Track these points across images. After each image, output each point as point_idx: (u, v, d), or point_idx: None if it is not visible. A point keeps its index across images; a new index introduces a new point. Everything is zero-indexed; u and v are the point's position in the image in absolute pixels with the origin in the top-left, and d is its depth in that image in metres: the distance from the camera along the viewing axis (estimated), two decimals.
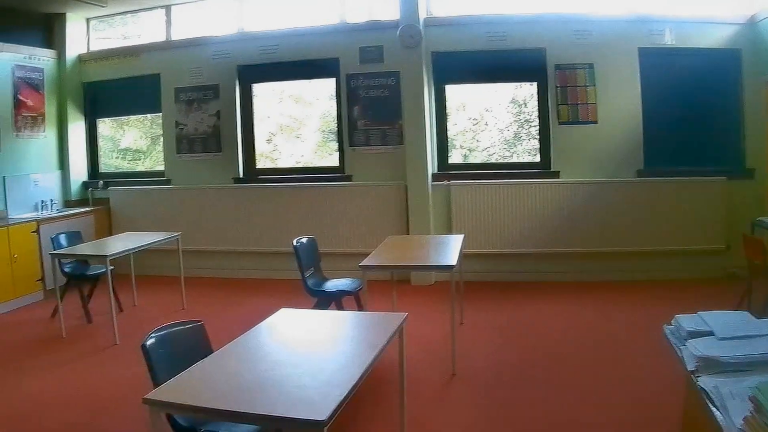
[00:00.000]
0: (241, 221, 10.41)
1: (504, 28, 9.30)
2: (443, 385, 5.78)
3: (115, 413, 5.49)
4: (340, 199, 9.89)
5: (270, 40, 10.24)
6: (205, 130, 10.61)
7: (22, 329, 8.17)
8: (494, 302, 8.42)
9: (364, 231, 9.73)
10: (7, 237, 9.06)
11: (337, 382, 3.18)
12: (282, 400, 3.03)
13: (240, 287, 9.91)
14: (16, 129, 10.20)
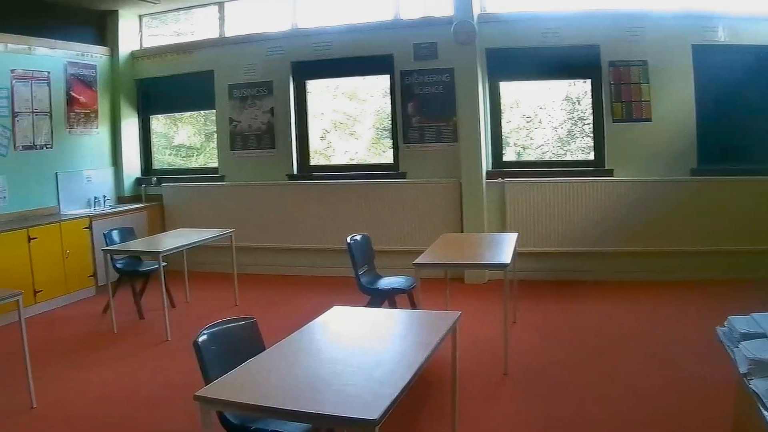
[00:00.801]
0: (294, 218, 10.25)
1: (557, 25, 9.05)
2: (495, 385, 5.68)
3: (164, 409, 5.47)
4: (394, 196, 9.72)
5: (324, 37, 10.08)
6: (259, 126, 10.50)
7: (73, 324, 8.15)
8: (547, 301, 8.28)
9: (417, 228, 9.56)
10: (60, 233, 9.00)
11: (389, 381, 3.13)
12: (334, 399, 2.99)
13: (293, 284, 9.78)
14: (68, 125, 10.14)
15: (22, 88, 9.33)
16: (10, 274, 8.09)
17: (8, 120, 9.12)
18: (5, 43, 9.06)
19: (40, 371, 6.05)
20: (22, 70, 9.32)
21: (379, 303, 6.57)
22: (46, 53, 9.72)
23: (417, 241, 9.02)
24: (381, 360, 3.54)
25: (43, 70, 9.69)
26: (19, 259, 8.37)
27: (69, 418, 5.36)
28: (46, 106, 9.74)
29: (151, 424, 5.22)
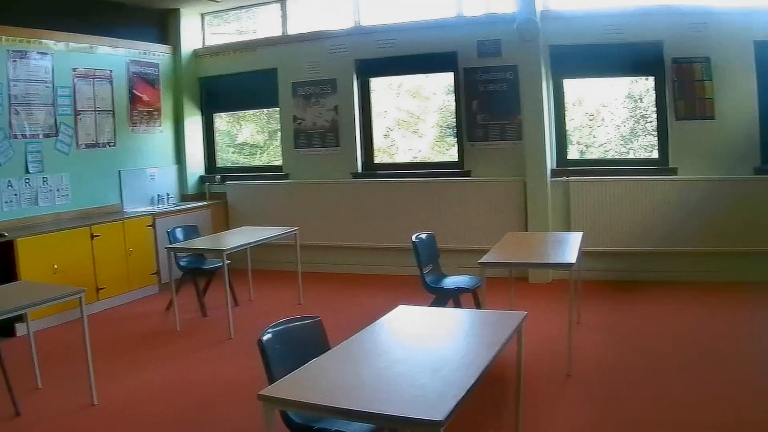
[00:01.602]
0: (358, 216, 10.08)
1: (620, 21, 8.72)
2: (558, 385, 5.52)
3: (227, 408, 5.40)
4: (459, 194, 9.51)
5: (387, 34, 9.88)
6: (323, 124, 10.35)
7: (136, 322, 8.12)
8: (611, 301, 8.02)
9: (481, 227, 9.32)
10: (123, 231, 8.95)
11: (455, 382, 3.05)
12: (398, 399, 2.92)
13: (357, 283, 9.63)
14: (131, 124, 10.11)
15: (84, 86, 9.29)
16: (73, 271, 8.11)
17: (71, 118, 9.09)
18: (67, 42, 9.03)
19: (102, 368, 6.00)
20: (83, 68, 9.28)
21: (444, 302, 6.46)
22: (108, 52, 9.68)
23: (481, 240, 8.80)
24: (446, 360, 3.45)
25: (105, 68, 9.66)
26: (82, 257, 8.34)
27: (130, 416, 5.31)
28: (108, 104, 9.71)
29: (213, 422, 5.17)
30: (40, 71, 8.71)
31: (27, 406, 5.42)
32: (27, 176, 8.51)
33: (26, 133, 8.49)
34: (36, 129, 8.64)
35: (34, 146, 8.60)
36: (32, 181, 8.57)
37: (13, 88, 8.35)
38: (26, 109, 8.50)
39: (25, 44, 8.49)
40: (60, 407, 5.49)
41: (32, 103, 8.59)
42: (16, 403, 5.35)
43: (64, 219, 8.88)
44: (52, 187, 8.82)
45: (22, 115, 8.46)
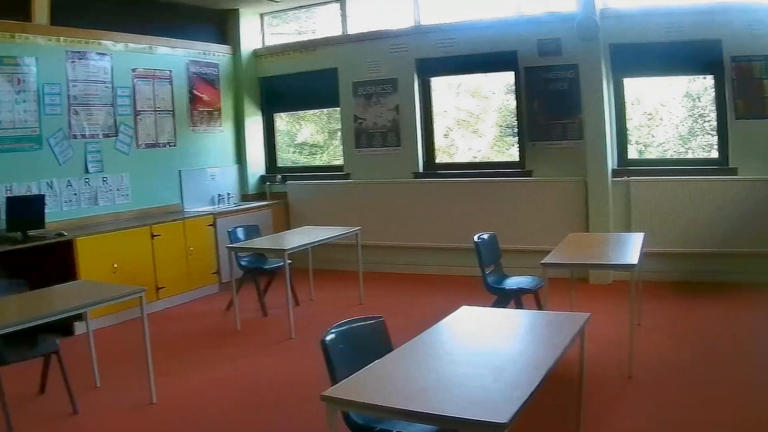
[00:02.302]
0: (419, 216, 9.89)
1: (679, 19, 8.41)
2: (619, 388, 5.39)
3: (287, 408, 5.35)
4: (520, 194, 9.33)
5: (447, 33, 9.69)
6: (384, 124, 10.19)
7: (196, 321, 8.09)
8: (672, 303, 7.78)
9: (542, 227, 9.11)
10: (183, 230, 8.90)
11: (519, 383, 3.02)
12: (462, 401, 2.89)
13: (417, 283, 9.46)
14: (192, 123, 10.04)
15: (143, 86, 9.26)
16: (132, 270, 8.09)
17: (130, 118, 9.06)
18: (125, 43, 8.99)
19: (162, 367, 5.96)
20: (143, 69, 9.25)
21: (505, 303, 6.36)
22: (167, 52, 9.63)
23: (541, 241, 8.58)
24: (510, 361, 3.42)
25: (165, 68, 9.61)
26: (142, 256, 8.32)
27: (189, 415, 5.28)
28: (168, 104, 9.67)
29: (274, 422, 5.11)
30: (100, 72, 8.68)
31: (85, 405, 5.39)
32: (86, 176, 8.48)
33: (85, 133, 8.46)
34: (95, 129, 8.60)
35: (94, 146, 8.57)
36: (92, 180, 8.54)
37: (72, 88, 8.32)
38: (85, 109, 8.47)
39: (83, 45, 8.46)
40: (118, 406, 5.46)
41: (91, 103, 8.55)
42: (74, 402, 5.31)
43: (124, 219, 8.85)
44: (111, 186, 8.79)
45: (82, 116, 8.42)
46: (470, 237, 6.90)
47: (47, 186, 8.05)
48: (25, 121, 7.83)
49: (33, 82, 7.90)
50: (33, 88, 7.90)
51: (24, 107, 7.80)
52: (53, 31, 8.13)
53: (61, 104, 8.19)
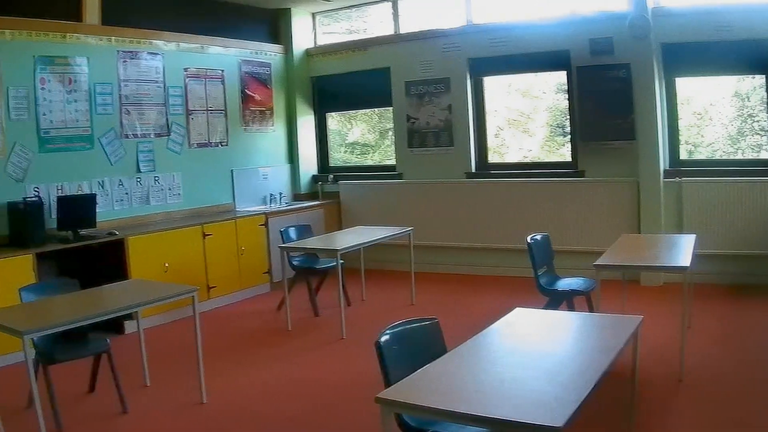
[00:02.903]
0: (471, 216, 9.69)
1: (730, 18, 8.13)
2: (669, 391, 5.25)
3: (338, 408, 5.28)
4: (572, 195, 9.14)
5: (500, 33, 9.46)
6: (436, 123, 9.99)
7: (247, 321, 8.00)
8: (723, 305, 7.56)
9: (593, 228, 8.95)
10: (235, 229, 8.82)
11: (573, 387, 2.96)
12: (517, 404, 2.84)
13: (468, 283, 9.28)
14: (244, 123, 9.93)
15: (195, 86, 9.17)
16: (184, 270, 8.03)
17: (182, 118, 8.99)
18: (177, 43, 8.91)
19: (212, 366, 5.92)
20: (195, 68, 9.16)
21: (557, 304, 6.28)
22: (219, 52, 9.53)
23: (593, 242, 8.58)
24: (564, 364, 3.37)
25: (217, 68, 9.51)
26: (193, 256, 8.27)
27: (239, 415, 5.22)
28: (220, 104, 9.56)
29: (325, 422, 5.04)
30: (151, 71, 8.61)
31: (135, 404, 5.34)
32: (138, 175, 8.43)
33: (137, 132, 8.41)
34: (147, 128, 8.54)
35: (146, 146, 8.52)
36: (143, 180, 8.49)
37: (124, 88, 8.26)
38: (137, 108, 8.41)
39: (135, 45, 8.39)
40: (168, 405, 5.41)
41: (143, 102, 8.49)
42: (124, 401, 5.27)
43: (176, 218, 8.79)
44: (163, 186, 8.73)
45: (133, 115, 8.36)
46: (521, 237, 6.86)
47: (98, 185, 8.00)
48: (77, 121, 7.77)
49: (84, 81, 7.84)
50: (84, 87, 7.84)
51: (75, 107, 7.75)
52: (104, 31, 8.07)
53: (112, 104, 8.14)
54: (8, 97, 7.17)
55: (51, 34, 7.54)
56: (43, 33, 7.48)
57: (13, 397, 5.44)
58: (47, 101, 7.51)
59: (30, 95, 7.35)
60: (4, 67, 7.13)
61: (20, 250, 6.73)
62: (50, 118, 7.54)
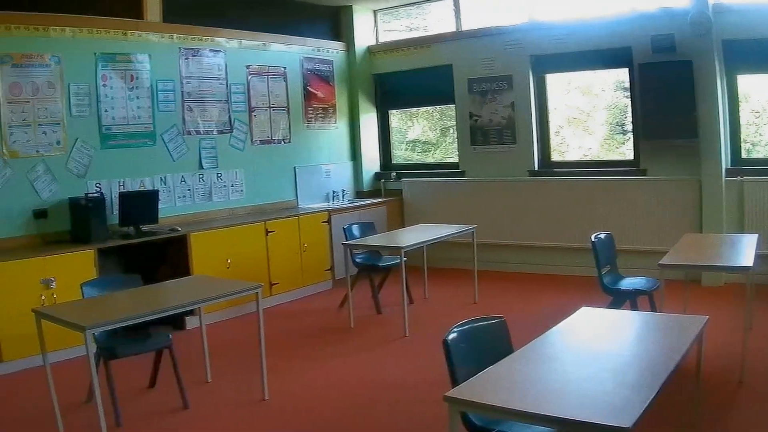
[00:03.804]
0: (534, 214, 9.42)
1: None
2: (730, 393, 5.07)
3: (401, 406, 5.13)
4: (633, 193, 8.87)
5: (561, 30, 9.17)
6: (499, 121, 9.67)
7: (309, 318, 7.83)
8: None
9: (655, 227, 8.69)
10: (298, 226, 8.62)
11: (640, 387, 2.89)
12: (584, 404, 2.80)
13: (530, 282, 9.04)
14: (306, 120, 9.72)
15: (258, 83, 8.98)
16: (246, 266, 7.89)
17: (245, 115, 8.81)
18: (239, 40, 8.72)
19: (274, 363, 5.74)
20: (257, 65, 8.97)
21: (620, 304, 6.11)
22: (281, 49, 9.33)
23: (654, 241, 8.44)
24: (631, 364, 3.30)
25: (279, 65, 9.30)
26: (256, 252, 8.11)
27: (301, 413, 5.09)
28: (283, 101, 9.36)
29: (387, 421, 4.91)
30: (213, 68, 8.43)
31: (195, 400, 5.24)
32: (201, 172, 8.28)
33: (200, 129, 8.26)
34: (210, 125, 8.38)
35: (208, 142, 8.36)
36: (206, 176, 8.34)
37: (186, 85, 8.10)
38: (200, 105, 8.25)
39: (197, 42, 8.23)
40: (229, 401, 5.28)
41: (206, 100, 8.33)
42: (185, 397, 5.16)
43: (239, 214, 8.62)
44: (226, 182, 8.57)
45: (196, 112, 8.21)
46: (583, 236, 6.93)
47: (161, 181, 7.86)
48: (139, 118, 7.64)
49: (146, 78, 7.69)
50: (146, 84, 7.69)
51: (137, 104, 7.61)
52: (166, 29, 7.92)
53: (174, 101, 7.99)
54: (70, 93, 7.05)
55: (112, 31, 7.40)
56: (105, 30, 7.34)
57: (73, 391, 5.32)
58: (109, 98, 7.37)
59: (91, 92, 7.23)
60: (65, 64, 7.00)
61: (82, 246, 6.64)
62: (112, 115, 7.40)
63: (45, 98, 6.92)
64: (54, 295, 6.27)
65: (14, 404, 5.45)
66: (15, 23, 6.71)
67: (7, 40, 6.66)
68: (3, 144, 6.63)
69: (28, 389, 5.66)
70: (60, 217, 6.99)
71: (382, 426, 4.84)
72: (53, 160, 7.00)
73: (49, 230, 6.94)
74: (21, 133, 6.75)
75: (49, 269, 6.32)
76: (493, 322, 3.68)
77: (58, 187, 7.01)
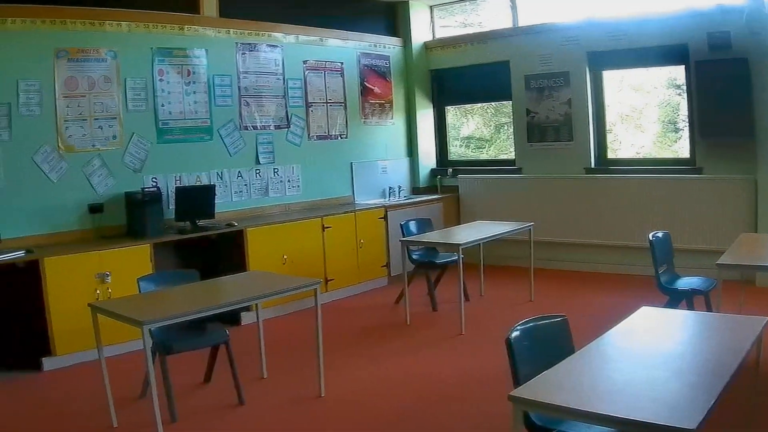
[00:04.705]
0: (590, 212, 9.11)
1: None
2: None
3: (458, 404, 4.98)
4: (689, 192, 8.57)
5: (618, 26, 8.87)
6: (556, 118, 9.35)
7: (365, 314, 7.64)
8: None
9: (710, 227, 8.40)
10: (354, 222, 8.39)
11: (704, 388, 2.82)
12: (647, 405, 2.71)
13: (584, 280, 8.78)
14: (363, 116, 9.47)
15: (315, 78, 8.74)
16: (302, 262, 7.70)
17: (302, 110, 8.57)
18: (296, 35, 8.49)
19: (330, 360, 5.52)
20: (314, 60, 8.72)
21: (677, 304, 5.97)
22: (338, 44, 9.06)
23: (709, 240, 8.25)
24: (694, 365, 3.23)
25: (336, 60, 9.05)
26: (312, 248, 7.90)
27: (358, 409, 4.97)
28: (340, 96, 9.11)
29: (444, 418, 4.76)
30: (270, 63, 8.20)
31: (251, 396, 5.12)
32: (257, 167, 8.08)
33: (256, 124, 8.05)
34: (267, 120, 8.18)
35: (265, 137, 8.16)
36: (263, 171, 8.14)
37: (243, 80, 7.89)
38: (257, 100, 8.05)
39: (253, 37, 8.01)
40: (285, 398, 5.15)
41: (263, 95, 8.13)
42: (240, 393, 5.04)
43: (295, 210, 8.41)
44: (282, 178, 8.36)
45: (253, 107, 8.00)
46: (638, 234, 6.93)
47: (217, 176, 7.67)
48: (195, 112, 7.46)
49: (203, 73, 7.50)
50: (203, 79, 7.50)
51: (194, 98, 7.42)
52: (222, 24, 7.71)
53: (231, 95, 7.81)
54: (126, 88, 6.88)
55: (168, 26, 7.21)
56: (161, 25, 7.15)
57: (127, 385, 5.22)
58: (165, 92, 7.18)
59: (148, 86, 7.05)
60: (122, 59, 6.84)
61: (138, 240, 6.47)
62: (168, 110, 7.21)
63: (101, 93, 6.75)
64: (109, 289, 6.11)
65: (68, 398, 5.34)
66: (71, 18, 6.54)
67: (63, 34, 6.50)
68: (59, 138, 6.48)
69: (81, 383, 5.58)
70: (116, 211, 6.85)
71: (440, 424, 4.68)
72: (109, 155, 6.84)
73: (105, 225, 6.80)
74: (77, 128, 6.59)
75: (105, 264, 6.16)
76: (555, 321, 3.60)
77: (114, 181, 6.85)
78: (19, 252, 5.90)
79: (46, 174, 6.48)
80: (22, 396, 5.44)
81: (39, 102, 6.41)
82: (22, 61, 6.32)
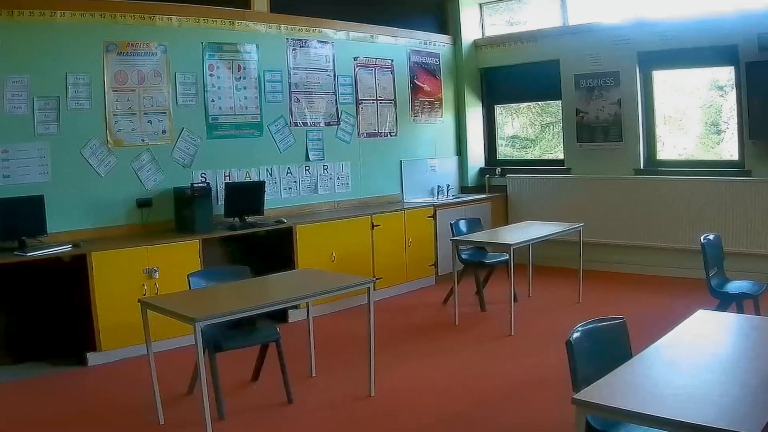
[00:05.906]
0: (638, 214, 8.83)
1: None
2: None
3: (509, 406, 4.86)
4: (739, 194, 8.31)
5: (668, 26, 8.54)
6: (605, 118, 9.03)
7: (414, 313, 7.40)
8: None
9: (759, 230, 8.19)
10: (403, 221, 8.12)
11: (764, 393, 2.75)
12: (709, 409, 2.67)
13: (633, 282, 8.50)
14: (413, 113, 9.15)
15: (365, 75, 8.44)
16: (351, 260, 7.44)
17: (352, 107, 8.30)
18: (347, 32, 8.18)
19: (379, 359, 5.27)
20: (364, 57, 8.43)
21: (726, 307, 5.81)
22: (388, 42, 8.76)
23: (758, 243, 8.11)
24: (753, 369, 3.09)
25: (386, 58, 8.74)
26: (361, 246, 7.64)
27: (408, 409, 4.82)
28: (390, 93, 8.80)
29: (494, 419, 4.63)
30: (321, 60, 7.92)
31: (300, 395, 4.98)
32: (307, 164, 7.82)
33: (306, 120, 7.78)
34: (317, 117, 7.91)
35: (315, 134, 7.90)
36: (312, 168, 7.88)
37: (293, 76, 7.61)
38: (307, 97, 7.77)
39: (304, 33, 7.72)
40: (334, 397, 5.00)
41: (313, 91, 7.85)
42: (289, 391, 4.89)
43: (344, 208, 8.12)
44: (332, 175, 8.09)
45: (303, 103, 7.71)
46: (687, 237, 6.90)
47: (267, 173, 7.42)
48: (245, 108, 7.19)
49: (254, 69, 7.23)
50: (254, 75, 7.23)
51: (244, 94, 7.16)
52: (273, 19, 7.44)
53: (282, 92, 7.54)
54: (176, 82, 6.62)
55: (219, 21, 6.92)
56: (211, 20, 6.87)
57: (174, 382, 5.07)
58: (216, 87, 6.92)
59: (198, 81, 6.79)
60: (172, 53, 6.60)
61: (187, 236, 6.24)
62: (219, 105, 6.95)
63: (151, 87, 6.51)
64: (156, 285, 5.85)
65: (114, 394, 5.20)
66: (121, 11, 6.30)
67: (113, 27, 6.27)
68: (108, 132, 6.25)
69: (127, 379, 5.45)
70: (164, 206, 6.61)
71: (488, 424, 4.57)
72: (158, 150, 6.60)
73: (153, 220, 6.57)
74: (126, 122, 6.35)
75: (153, 259, 5.92)
76: (615, 323, 3.50)
77: (163, 176, 6.60)
78: (67, 246, 5.66)
79: (95, 168, 6.27)
80: (68, 391, 5.31)
81: (88, 96, 6.20)
82: (71, 54, 6.12)
